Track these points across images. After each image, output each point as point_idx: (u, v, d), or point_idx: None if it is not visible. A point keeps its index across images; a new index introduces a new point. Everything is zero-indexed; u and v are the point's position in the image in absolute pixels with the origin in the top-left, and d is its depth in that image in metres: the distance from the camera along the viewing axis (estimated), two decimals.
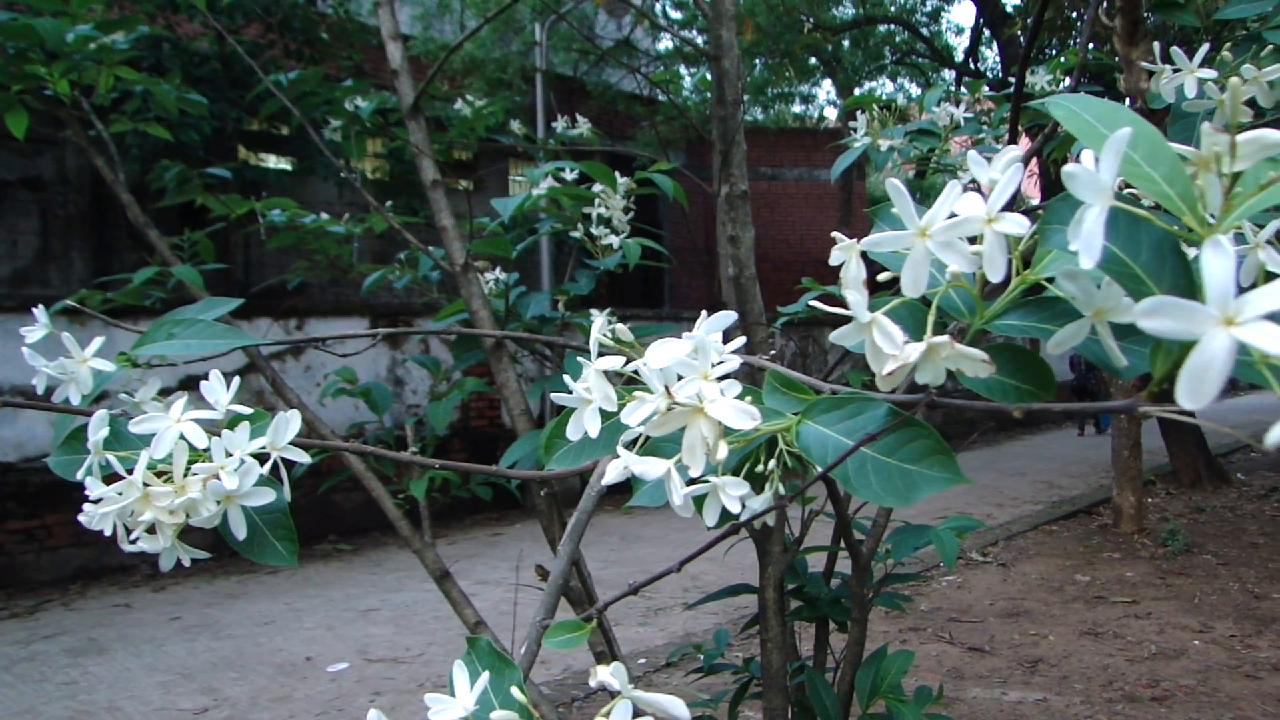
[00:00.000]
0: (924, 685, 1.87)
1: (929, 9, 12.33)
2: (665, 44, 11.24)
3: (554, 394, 0.60)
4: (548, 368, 2.24)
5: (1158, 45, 0.97)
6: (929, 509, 5.75)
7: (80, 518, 0.66)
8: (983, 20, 10.92)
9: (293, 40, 6.76)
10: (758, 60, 11.00)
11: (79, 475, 0.68)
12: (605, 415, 0.56)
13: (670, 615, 4.57)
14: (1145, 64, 0.98)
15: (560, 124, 2.57)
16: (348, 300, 7.35)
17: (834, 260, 0.50)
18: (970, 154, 0.47)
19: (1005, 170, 0.45)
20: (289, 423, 0.67)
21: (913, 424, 0.50)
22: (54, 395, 0.83)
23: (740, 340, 0.54)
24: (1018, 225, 0.43)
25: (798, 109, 14.26)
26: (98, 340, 0.83)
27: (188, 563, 0.67)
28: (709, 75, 2.00)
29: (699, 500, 0.53)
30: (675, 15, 10.91)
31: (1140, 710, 3.22)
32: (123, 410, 0.78)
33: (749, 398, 0.49)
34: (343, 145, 2.47)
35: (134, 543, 0.65)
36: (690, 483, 0.51)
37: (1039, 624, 4.26)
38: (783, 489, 0.57)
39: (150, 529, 0.66)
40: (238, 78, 6.43)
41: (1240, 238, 0.54)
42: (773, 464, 0.57)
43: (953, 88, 2.22)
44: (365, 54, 7.37)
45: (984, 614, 4.44)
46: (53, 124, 1.99)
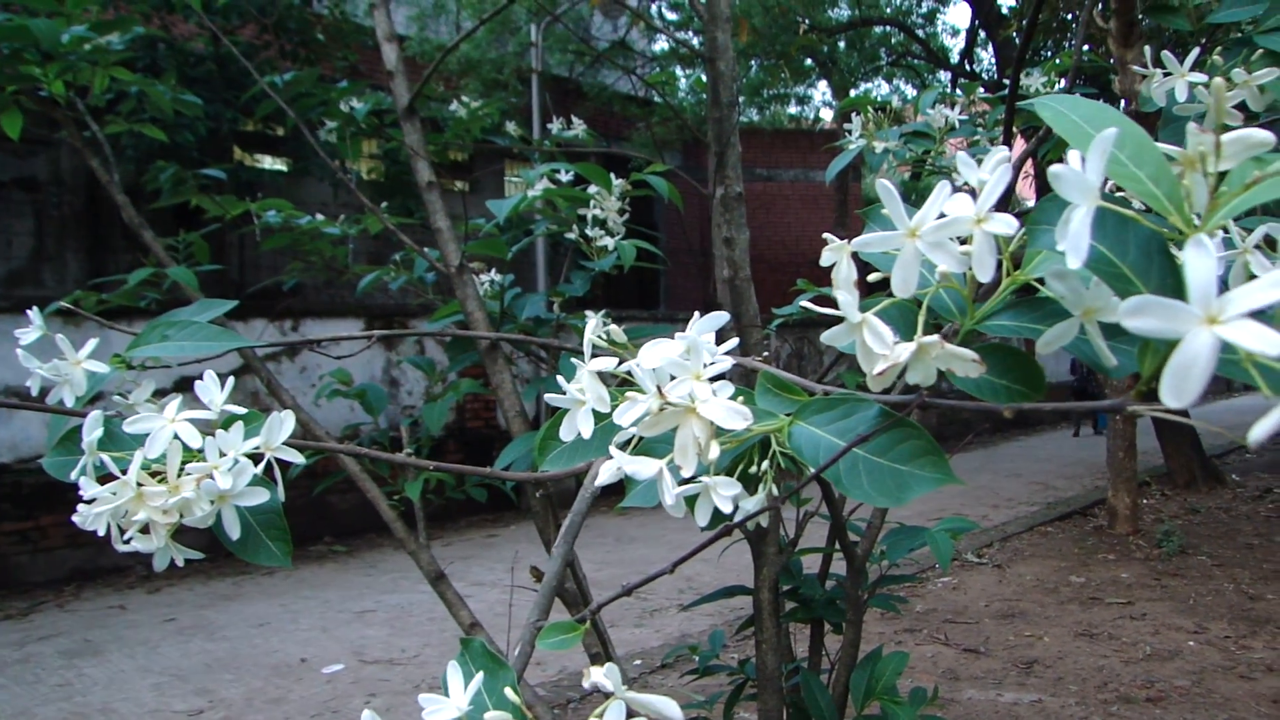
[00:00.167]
0: (919, 686, 1.87)
1: (924, 10, 12.36)
2: (661, 45, 11.25)
3: (548, 395, 0.60)
4: (543, 369, 2.24)
5: (1149, 49, 0.98)
6: (924, 510, 5.76)
7: (75, 518, 0.66)
8: (978, 22, 10.94)
9: (288, 41, 6.75)
10: (753, 61, 11.00)
11: (73, 476, 0.68)
12: (599, 416, 0.57)
13: (666, 616, 4.57)
14: (1136, 68, 0.99)
15: (555, 125, 2.58)
16: (343, 301, 7.35)
17: (825, 261, 0.50)
18: (960, 155, 0.47)
19: (994, 171, 0.45)
20: (283, 423, 0.67)
21: (904, 425, 0.51)
22: (48, 397, 0.83)
23: (733, 341, 0.54)
24: (1006, 226, 0.44)
25: (793, 110, 14.28)
26: (92, 342, 0.83)
27: (181, 563, 0.67)
28: (704, 77, 2.01)
29: (691, 501, 0.53)
30: (671, 17, 10.91)
31: (1135, 711, 3.23)
32: (117, 411, 0.78)
33: (741, 398, 0.49)
34: (338, 146, 2.47)
35: (128, 543, 0.66)
36: (683, 483, 0.51)
37: (1034, 625, 4.27)
38: (775, 490, 0.58)
39: (144, 529, 0.66)
40: (233, 78, 6.42)
41: (1229, 243, 0.54)
42: (765, 465, 0.57)
43: (948, 89, 2.23)
44: (361, 55, 7.37)
45: (979, 615, 4.45)
46: (48, 125, 1.99)
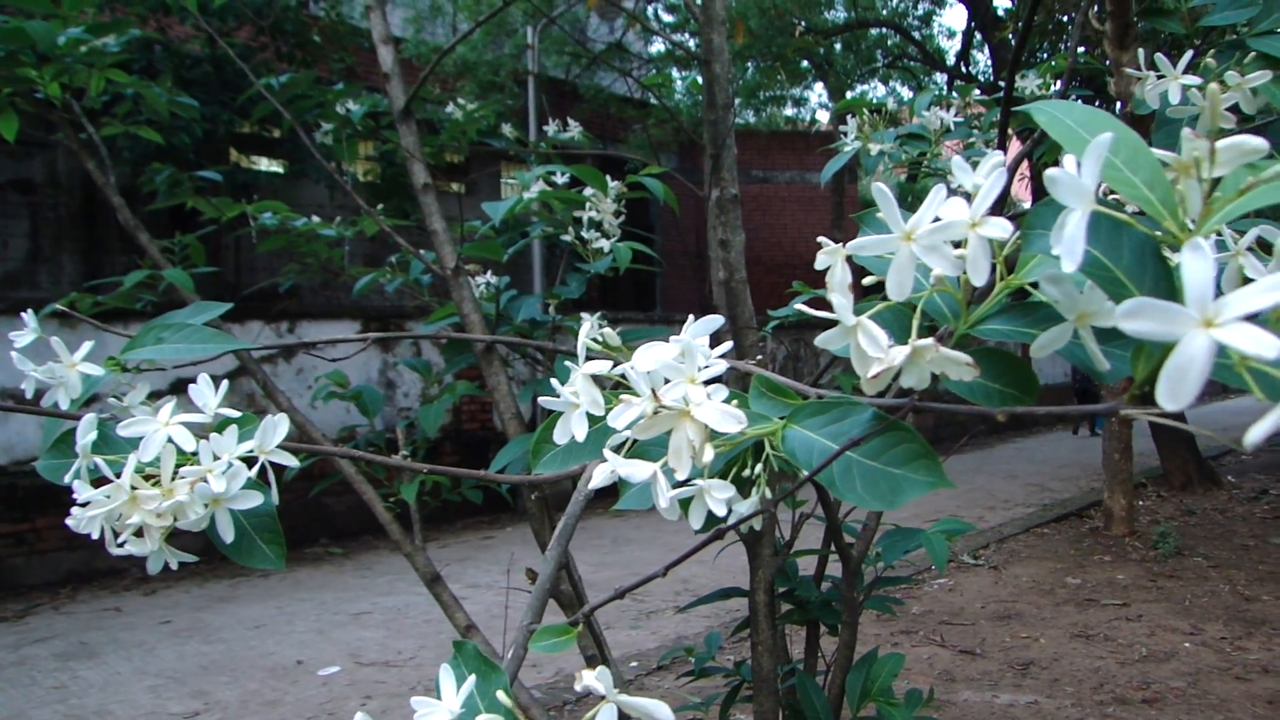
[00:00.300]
0: (915, 688, 1.87)
1: (921, 13, 12.37)
2: (657, 48, 11.25)
3: (542, 398, 0.60)
4: (539, 371, 2.24)
5: (1142, 52, 0.98)
6: (920, 512, 5.76)
7: (68, 521, 0.66)
8: (974, 24, 10.95)
9: (285, 43, 6.75)
10: (750, 63, 11.01)
11: (67, 479, 0.68)
12: (593, 419, 0.57)
13: (662, 618, 4.57)
14: (1130, 70, 0.99)
15: (551, 127, 2.58)
16: (339, 303, 7.34)
17: (820, 264, 0.50)
18: (955, 159, 0.47)
19: (989, 175, 0.45)
20: (277, 426, 0.67)
21: (898, 428, 0.51)
22: (43, 399, 0.83)
23: (728, 344, 0.54)
24: (1001, 230, 0.44)
25: (790, 112, 14.27)
26: (86, 344, 0.83)
27: (175, 566, 0.67)
28: (700, 79, 2.01)
29: (686, 504, 0.53)
30: (667, 19, 10.92)
31: (1131, 712, 3.23)
32: (111, 414, 0.78)
33: (735, 401, 0.49)
34: (334, 148, 2.47)
35: (121, 546, 0.65)
36: (677, 486, 0.51)
37: (1030, 627, 4.27)
38: (769, 492, 0.58)
39: (138, 532, 0.66)
40: (229, 80, 6.42)
41: (1221, 245, 0.54)
42: (759, 468, 0.57)
43: (944, 91, 2.24)
44: (357, 57, 7.37)
45: (975, 617, 4.45)
46: (44, 127, 1.99)
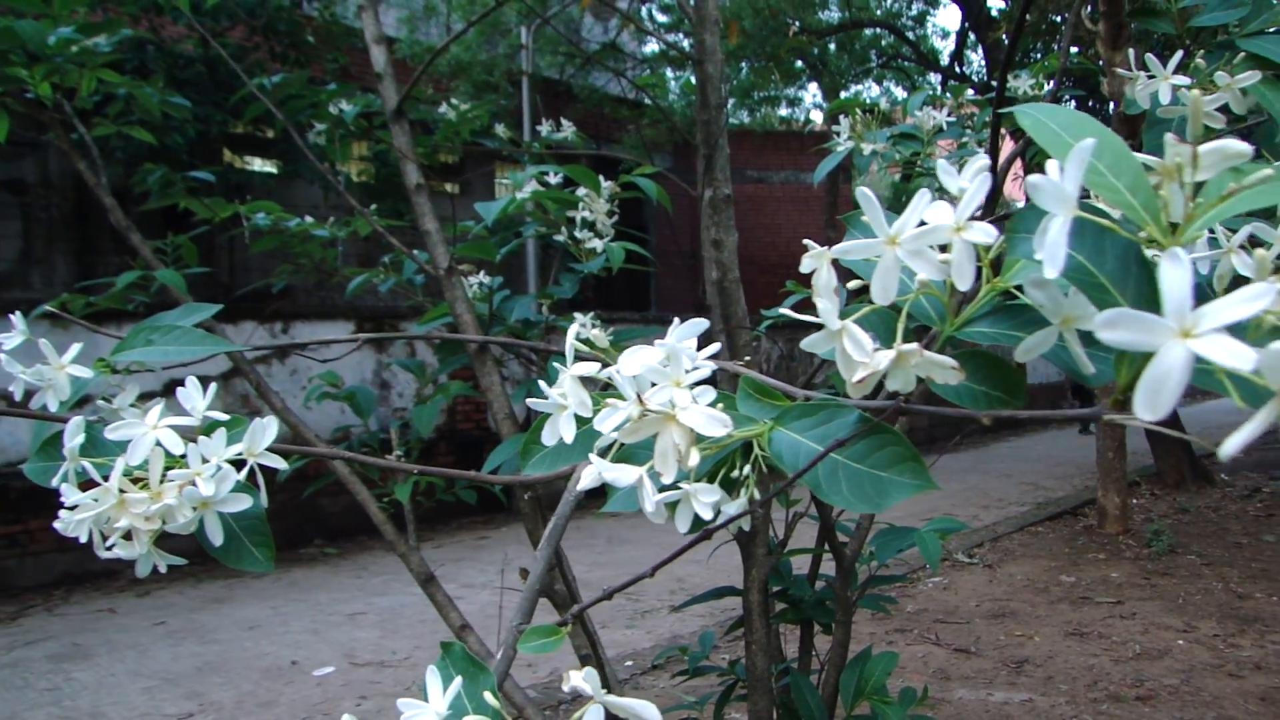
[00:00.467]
0: (909, 686, 1.87)
1: (915, 13, 12.39)
2: (651, 48, 11.25)
3: (529, 400, 0.60)
4: (534, 371, 2.24)
5: (1133, 52, 0.98)
6: (915, 510, 5.77)
7: (56, 524, 0.65)
8: (968, 24, 10.97)
9: (278, 43, 6.73)
10: (744, 63, 11.01)
11: (54, 482, 0.68)
12: (582, 420, 0.57)
13: (657, 617, 4.57)
14: (1121, 70, 0.99)
15: (545, 127, 2.58)
16: (333, 303, 7.33)
17: (805, 268, 0.50)
18: (940, 163, 0.47)
19: (973, 179, 0.45)
20: (265, 429, 0.67)
21: (883, 431, 0.51)
22: (32, 401, 0.82)
23: (715, 346, 0.54)
24: (985, 234, 0.44)
25: (784, 112, 14.28)
26: (75, 346, 0.82)
27: (164, 569, 0.67)
28: (693, 79, 2.01)
29: (673, 506, 0.53)
30: (662, 19, 10.92)
31: (1125, 710, 3.24)
32: (100, 417, 0.78)
33: (721, 404, 0.49)
34: (327, 149, 2.47)
35: (110, 549, 0.65)
36: (663, 489, 0.51)
37: (1025, 625, 4.28)
38: (758, 494, 0.58)
39: (127, 535, 0.66)
40: (223, 81, 6.40)
41: (1214, 243, 0.54)
42: (747, 469, 0.57)
43: (938, 92, 2.24)
44: (351, 57, 7.35)
45: (970, 615, 4.46)
46: (35, 127, 1.98)
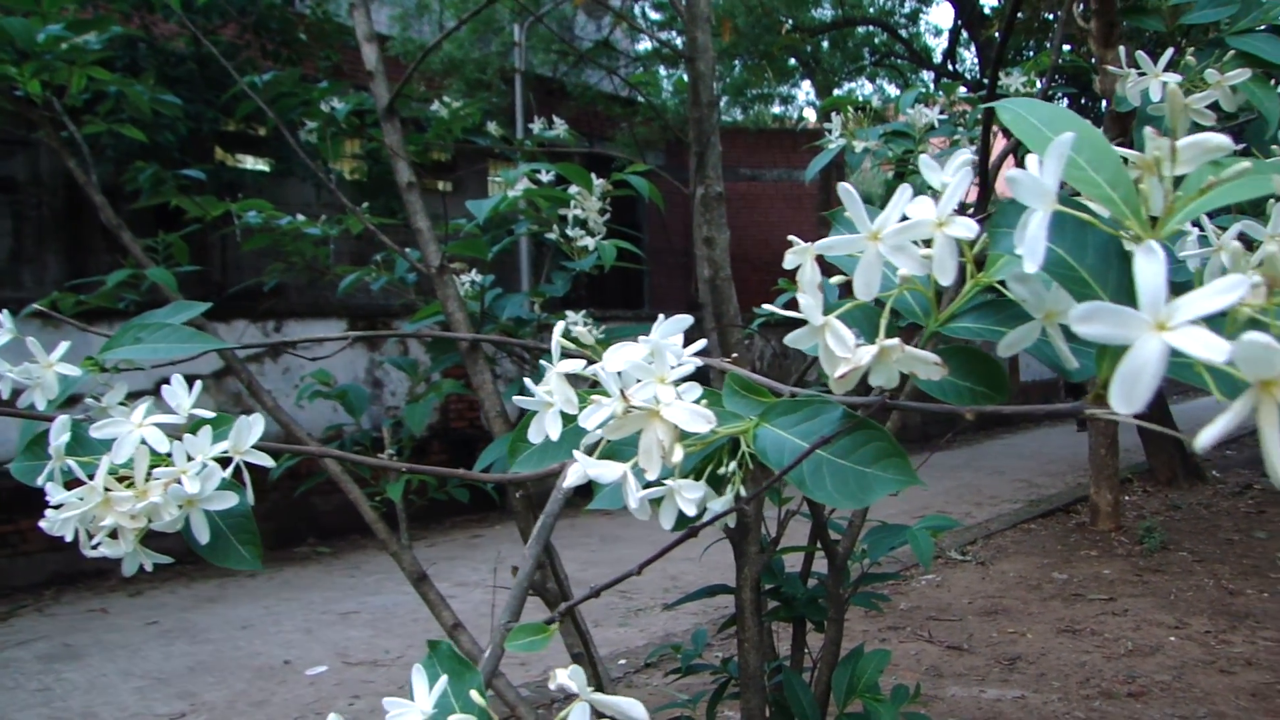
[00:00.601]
0: (901, 684, 1.87)
1: (907, 10, 12.39)
2: (645, 45, 11.24)
3: (516, 398, 0.60)
4: (526, 369, 2.24)
5: (1123, 49, 0.98)
6: (908, 508, 5.78)
7: (42, 523, 0.65)
8: (960, 22, 10.99)
9: (270, 41, 6.71)
10: (737, 61, 11.01)
11: (40, 481, 0.68)
12: (568, 418, 0.57)
13: (650, 616, 4.57)
14: (1112, 68, 0.99)
15: (537, 125, 2.58)
16: (326, 302, 7.31)
17: (789, 264, 0.50)
18: (923, 159, 0.48)
19: (956, 174, 0.45)
20: (251, 426, 0.66)
21: (868, 426, 0.51)
22: (20, 400, 0.82)
23: (701, 343, 0.54)
24: (967, 229, 0.44)
25: (777, 110, 14.28)
26: (63, 345, 0.82)
27: (150, 567, 0.67)
28: (686, 77, 2.01)
29: (657, 503, 0.53)
30: (655, 16, 10.91)
31: (1117, 706, 3.25)
32: (87, 415, 0.78)
33: (705, 401, 0.49)
34: (319, 147, 2.46)
35: (95, 548, 0.65)
36: (648, 486, 0.51)
37: (1017, 622, 4.29)
38: (744, 490, 0.58)
39: (113, 534, 0.65)
40: (214, 78, 6.38)
41: (1204, 240, 0.54)
42: (733, 466, 0.57)
43: (931, 89, 2.24)
44: (344, 54, 7.33)
45: (963, 612, 4.47)
46: (25, 125, 1.97)
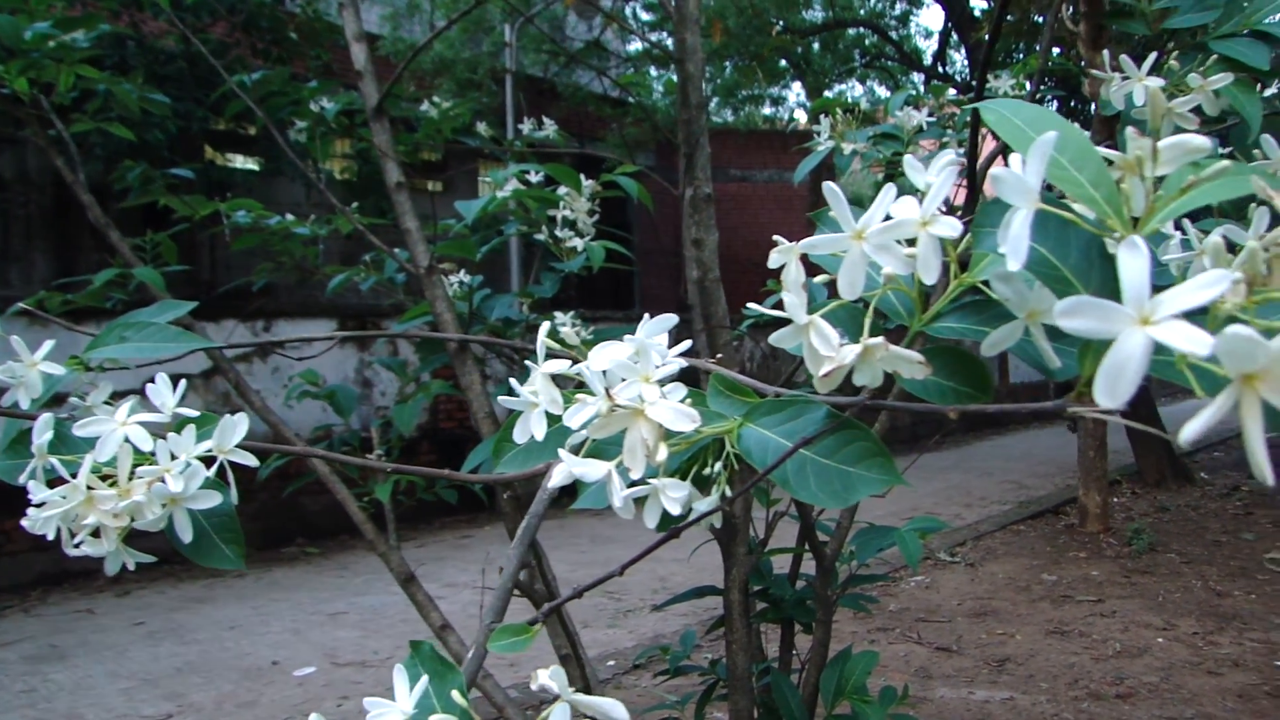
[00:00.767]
0: (889, 685, 1.88)
1: (898, 13, 12.42)
2: (635, 46, 11.24)
3: (501, 398, 0.60)
4: (515, 370, 2.24)
5: (1108, 53, 0.99)
6: (896, 509, 5.79)
7: (24, 522, 0.65)
8: (951, 24, 11.01)
9: (260, 39, 6.69)
10: (727, 62, 11.02)
11: (22, 479, 0.67)
12: (553, 418, 0.57)
13: (639, 617, 4.57)
14: (1096, 72, 1.00)
15: (527, 125, 2.58)
16: (316, 302, 7.28)
17: (773, 263, 0.50)
18: (907, 159, 0.48)
19: (940, 174, 0.45)
20: (235, 425, 0.66)
21: (852, 426, 0.51)
22: (3, 399, 0.82)
23: (686, 343, 0.54)
24: (950, 229, 0.44)
25: (768, 111, 14.28)
26: (48, 343, 0.82)
27: (133, 566, 0.67)
28: (675, 78, 2.01)
29: (641, 502, 0.53)
30: (646, 17, 10.91)
31: (1105, 708, 3.26)
32: (70, 414, 0.77)
33: (690, 400, 0.49)
34: (308, 146, 2.46)
35: (78, 547, 0.65)
36: (633, 485, 0.51)
37: (1006, 623, 4.30)
38: (729, 490, 0.58)
39: (95, 533, 0.65)
40: (204, 77, 6.35)
41: (1187, 244, 0.55)
42: (718, 466, 0.57)
43: (921, 91, 2.25)
44: (334, 53, 7.31)
45: (952, 614, 4.48)
46: (12, 123, 1.96)
